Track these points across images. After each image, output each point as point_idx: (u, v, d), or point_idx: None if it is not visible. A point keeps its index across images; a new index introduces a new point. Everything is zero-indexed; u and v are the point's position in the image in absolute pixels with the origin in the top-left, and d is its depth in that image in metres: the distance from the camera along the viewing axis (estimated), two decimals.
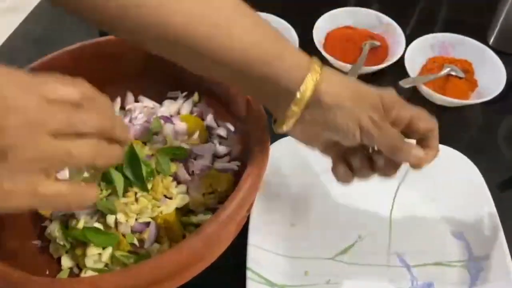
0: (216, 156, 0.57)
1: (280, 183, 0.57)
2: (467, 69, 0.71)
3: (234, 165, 0.55)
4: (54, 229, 0.49)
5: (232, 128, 0.59)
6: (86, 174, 0.48)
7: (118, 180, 0.47)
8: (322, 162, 0.58)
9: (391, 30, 0.74)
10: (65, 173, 0.51)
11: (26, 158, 0.27)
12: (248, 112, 0.52)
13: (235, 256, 0.49)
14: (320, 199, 0.57)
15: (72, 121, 0.29)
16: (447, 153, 0.58)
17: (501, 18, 0.73)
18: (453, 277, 0.51)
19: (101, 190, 0.48)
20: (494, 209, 0.53)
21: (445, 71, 0.69)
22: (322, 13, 0.75)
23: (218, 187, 0.51)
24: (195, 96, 0.61)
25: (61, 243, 0.48)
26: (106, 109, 0.33)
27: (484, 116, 0.69)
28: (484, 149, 0.65)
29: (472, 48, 0.72)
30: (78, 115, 0.29)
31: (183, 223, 0.50)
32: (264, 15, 0.75)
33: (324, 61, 0.72)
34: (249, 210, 0.50)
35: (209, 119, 0.59)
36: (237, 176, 0.54)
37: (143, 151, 0.50)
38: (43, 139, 0.28)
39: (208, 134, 0.59)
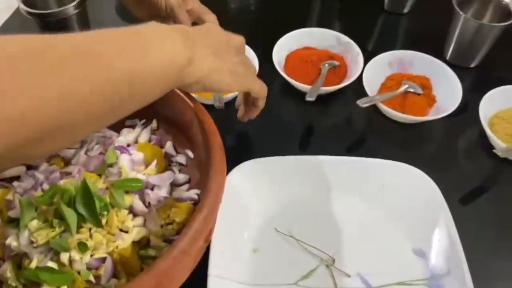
0: (175, 185, 0.56)
1: (241, 208, 0.56)
2: (425, 85, 0.72)
3: (193, 193, 0.54)
4: (6, 270, 0.47)
5: (191, 154, 0.58)
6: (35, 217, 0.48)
7: (71, 216, 0.45)
8: (282, 187, 0.59)
9: (350, 49, 0.75)
10: (17, 211, 0.50)
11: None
12: (203, 138, 0.52)
13: (196, 287, 0.49)
14: (281, 223, 0.57)
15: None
16: (405, 170, 0.59)
17: (455, 35, 0.75)
18: None
19: (54, 227, 0.46)
20: (453, 225, 0.54)
21: (402, 88, 0.71)
22: (282, 34, 0.76)
23: (177, 217, 0.50)
24: (154, 123, 0.61)
25: (14, 284, 0.46)
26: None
27: (442, 131, 0.70)
28: (444, 165, 0.65)
29: (429, 64, 0.73)
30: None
31: (141, 257, 0.49)
32: None
33: (284, 83, 0.74)
34: (207, 240, 0.49)
35: (168, 146, 0.59)
36: (198, 204, 0.53)
37: (97, 185, 0.49)
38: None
39: (167, 162, 0.58)
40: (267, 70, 0.75)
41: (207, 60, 0.43)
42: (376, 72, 0.72)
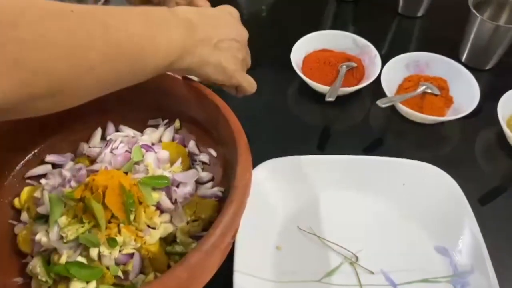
0: (199, 183, 0.57)
1: (264, 206, 0.57)
2: (442, 86, 0.73)
3: (217, 190, 0.55)
4: (36, 265, 0.48)
5: (214, 153, 0.59)
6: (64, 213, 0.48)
7: (100, 212, 0.46)
8: (303, 186, 0.59)
9: (367, 52, 0.76)
10: (46, 207, 0.50)
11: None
12: (230, 137, 0.52)
13: (221, 283, 0.49)
14: (303, 221, 0.57)
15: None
16: (426, 169, 0.59)
17: (471, 37, 0.76)
18: None
19: (83, 223, 0.47)
20: (475, 223, 0.54)
21: (421, 89, 0.71)
22: (297, 38, 0.77)
23: (202, 214, 0.51)
24: (177, 123, 0.61)
25: (44, 279, 0.47)
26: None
27: (460, 131, 0.71)
28: (462, 164, 0.66)
29: (446, 65, 0.74)
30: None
31: (168, 253, 0.50)
32: None
33: (301, 84, 0.74)
34: (234, 236, 0.50)
35: (191, 145, 0.60)
36: (222, 201, 0.54)
37: (125, 181, 0.50)
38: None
39: (190, 161, 0.59)
40: (284, 72, 0.76)
41: (201, 54, 0.46)
42: (393, 74, 0.73)
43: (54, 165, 0.59)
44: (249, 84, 0.54)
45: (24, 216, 0.53)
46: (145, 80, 0.43)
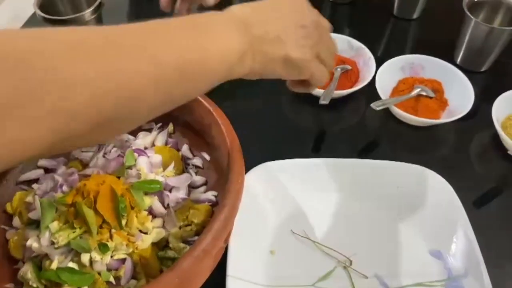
0: (192, 187, 0.56)
1: (257, 210, 0.57)
2: (437, 88, 0.73)
3: (210, 195, 0.55)
4: (27, 271, 0.48)
5: (208, 157, 0.59)
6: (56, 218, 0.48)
7: (91, 217, 0.46)
8: (297, 189, 0.59)
9: (361, 54, 0.75)
10: (37, 212, 0.50)
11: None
12: (222, 141, 0.52)
13: None
14: (297, 225, 0.57)
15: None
16: (420, 172, 0.59)
17: (466, 39, 0.76)
18: None
19: (74, 228, 0.47)
20: (469, 226, 0.54)
21: (415, 91, 0.71)
22: None
23: (195, 219, 0.51)
24: (170, 127, 0.61)
25: (35, 285, 0.47)
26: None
27: (455, 134, 0.70)
28: (457, 167, 0.66)
29: (440, 68, 0.74)
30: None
31: (160, 258, 0.49)
32: None
33: None
34: (226, 241, 0.49)
35: (185, 149, 0.59)
36: (215, 206, 0.54)
37: (117, 186, 0.49)
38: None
39: (184, 165, 0.59)
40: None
41: (264, 52, 0.41)
42: (388, 76, 0.73)
43: (47, 170, 0.58)
44: (322, 76, 0.47)
45: (16, 221, 0.53)
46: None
